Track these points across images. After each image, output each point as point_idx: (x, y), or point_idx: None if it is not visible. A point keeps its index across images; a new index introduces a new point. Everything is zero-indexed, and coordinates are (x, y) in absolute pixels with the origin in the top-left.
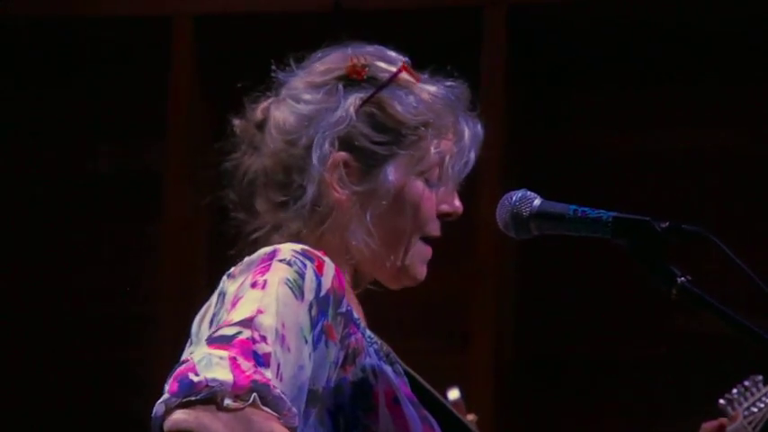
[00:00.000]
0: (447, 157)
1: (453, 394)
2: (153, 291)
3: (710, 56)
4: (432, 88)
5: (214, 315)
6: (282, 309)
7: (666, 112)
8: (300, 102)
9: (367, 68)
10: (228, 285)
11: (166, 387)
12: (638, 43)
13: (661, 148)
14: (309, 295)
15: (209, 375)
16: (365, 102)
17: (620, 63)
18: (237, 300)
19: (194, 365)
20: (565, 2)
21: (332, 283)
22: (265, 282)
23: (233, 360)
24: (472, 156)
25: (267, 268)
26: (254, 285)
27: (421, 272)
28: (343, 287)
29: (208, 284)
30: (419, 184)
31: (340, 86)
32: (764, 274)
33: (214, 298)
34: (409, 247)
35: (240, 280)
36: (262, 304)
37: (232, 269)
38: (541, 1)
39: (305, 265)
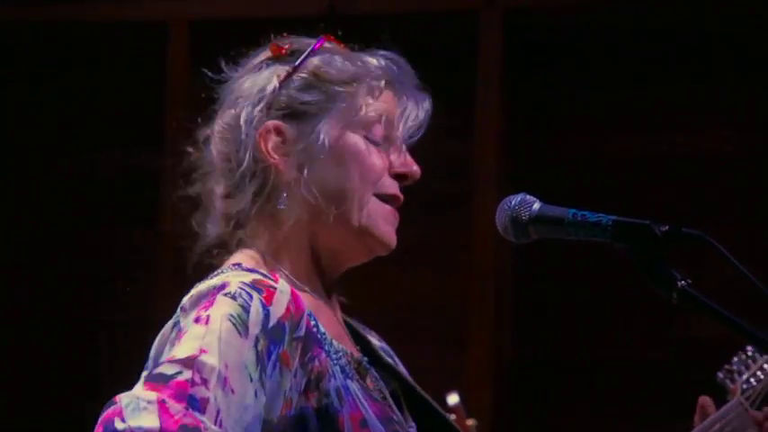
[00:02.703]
0: (385, 116)
1: (453, 399)
2: (150, 295)
3: (708, 57)
4: (362, 54)
5: (168, 344)
6: (225, 348)
7: (665, 114)
8: (233, 93)
9: (289, 44)
10: (181, 319)
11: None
12: (635, 45)
13: (661, 150)
14: (255, 329)
15: (134, 424)
16: (294, 70)
17: (618, 65)
18: (181, 335)
19: (121, 410)
20: (561, 4)
21: (286, 308)
22: (208, 317)
23: (161, 404)
24: (420, 118)
25: (211, 303)
26: (197, 320)
27: (386, 232)
28: (302, 309)
29: None
30: (357, 138)
31: (264, 64)
32: (764, 278)
33: (171, 322)
34: (362, 203)
35: (189, 316)
36: (204, 342)
37: (184, 300)
38: (537, 4)
39: (251, 297)
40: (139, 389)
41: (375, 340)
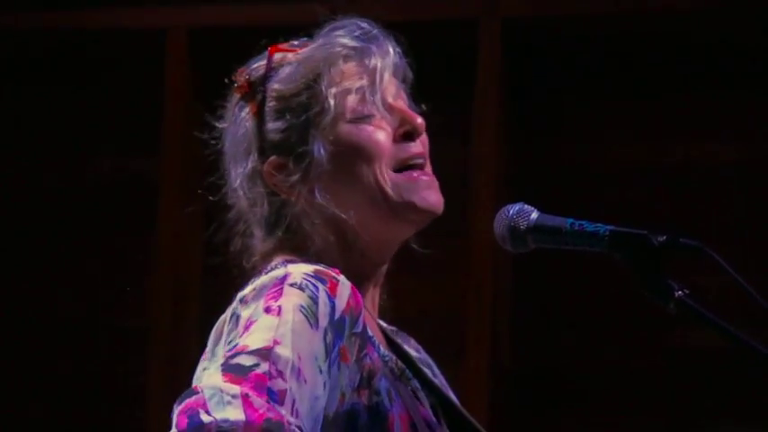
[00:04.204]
0: (355, 88)
1: None
2: (147, 302)
3: (709, 66)
4: (311, 45)
5: (228, 335)
6: (298, 339)
7: (664, 123)
8: (227, 152)
9: (247, 76)
10: (242, 310)
11: (174, 419)
12: (633, 55)
13: (660, 159)
14: (324, 321)
15: (220, 416)
16: (260, 106)
17: (617, 74)
18: (251, 323)
19: (205, 401)
20: (560, 14)
21: (347, 302)
22: (279, 308)
23: (245, 398)
24: (391, 59)
25: (279, 293)
26: (267, 311)
27: (421, 199)
28: (360, 305)
29: (202, 296)
30: (347, 128)
31: (237, 108)
32: (761, 289)
33: (228, 314)
34: (383, 184)
35: (253, 306)
36: (277, 334)
37: (244, 293)
38: (537, 13)
39: (317, 288)
40: (218, 379)
41: (413, 351)
